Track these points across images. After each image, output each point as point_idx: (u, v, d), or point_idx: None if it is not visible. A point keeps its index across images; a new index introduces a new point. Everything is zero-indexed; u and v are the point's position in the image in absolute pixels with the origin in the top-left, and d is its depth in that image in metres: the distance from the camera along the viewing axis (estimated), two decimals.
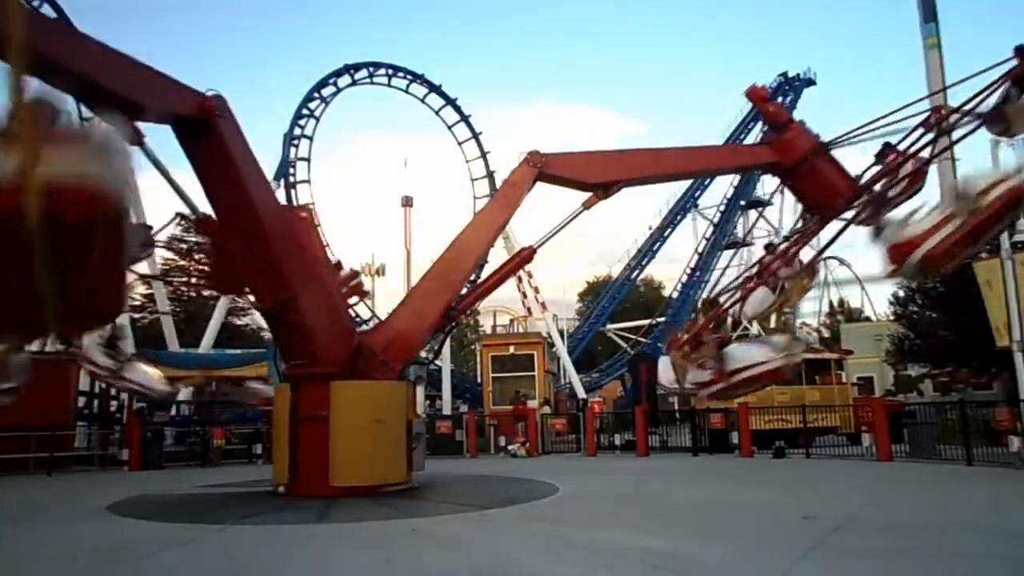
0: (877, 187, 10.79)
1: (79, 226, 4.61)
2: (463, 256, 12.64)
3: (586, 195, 12.45)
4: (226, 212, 11.22)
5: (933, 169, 11.44)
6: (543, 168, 12.21)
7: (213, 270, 12.95)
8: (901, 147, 10.64)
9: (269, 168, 31.95)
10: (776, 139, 11.76)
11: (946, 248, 8.70)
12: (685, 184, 52.89)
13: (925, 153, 10.45)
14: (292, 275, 11.35)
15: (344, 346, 11.76)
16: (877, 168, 10.94)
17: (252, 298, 12.80)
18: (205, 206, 11.81)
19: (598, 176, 12.25)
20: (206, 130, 10.27)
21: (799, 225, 12.47)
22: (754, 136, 51.49)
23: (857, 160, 11.64)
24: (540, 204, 13.47)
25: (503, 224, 12.98)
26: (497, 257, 18.29)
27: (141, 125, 9.50)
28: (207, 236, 12.15)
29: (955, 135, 10.24)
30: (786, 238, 12.60)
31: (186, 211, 20.57)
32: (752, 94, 11.92)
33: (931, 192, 11.06)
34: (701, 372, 10.35)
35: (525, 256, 13.15)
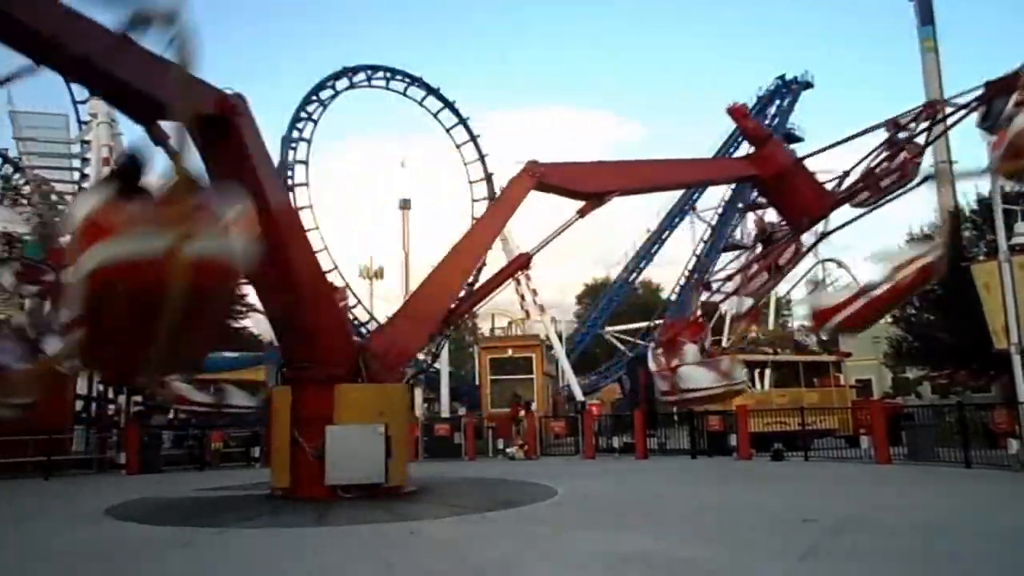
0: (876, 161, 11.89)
1: (208, 295, 5.46)
2: (462, 262, 12.81)
3: (579, 203, 12.83)
4: None
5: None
6: (541, 178, 12.43)
7: None
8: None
9: None
10: (756, 154, 12.41)
11: (862, 316, 10.73)
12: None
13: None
14: (302, 277, 11.42)
15: (347, 350, 11.83)
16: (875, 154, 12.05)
17: (258, 300, 12.85)
18: None
19: (592, 186, 12.58)
20: (226, 130, 10.10)
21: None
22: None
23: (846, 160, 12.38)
24: (538, 207, 13.64)
25: (500, 230, 13.34)
26: (495, 259, 18.25)
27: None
28: None
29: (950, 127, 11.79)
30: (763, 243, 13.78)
31: None
32: (733, 112, 12.69)
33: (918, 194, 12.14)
34: (664, 382, 12.00)
35: (521, 263, 13.48)
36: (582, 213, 12.48)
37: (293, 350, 12.42)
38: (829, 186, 12.70)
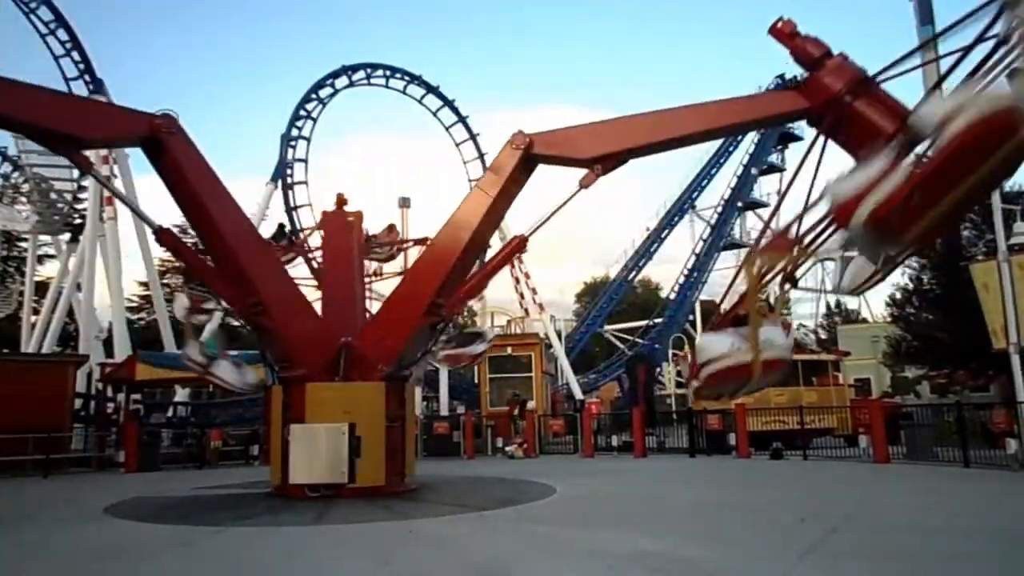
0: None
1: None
2: (445, 248, 12.34)
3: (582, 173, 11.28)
4: (192, 223, 12.13)
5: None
6: (529, 148, 11.48)
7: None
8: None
9: (267, 170, 32.00)
10: (808, 80, 9.98)
11: (897, 202, 6.57)
12: (682, 185, 53.06)
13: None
14: (258, 282, 11.63)
15: (325, 348, 11.83)
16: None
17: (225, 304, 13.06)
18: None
19: (593, 149, 11.12)
20: (160, 149, 11.14)
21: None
22: (751, 137, 51.64)
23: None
24: (540, 205, 13.14)
25: (490, 212, 12.14)
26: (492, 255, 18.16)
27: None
28: (167, 247, 12.44)
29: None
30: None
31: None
32: (776, 32, 9.96)
33: None
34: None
35: (516, 245, 12.33)
36: (585, 184, 11.05)
37: (273, 351, 12.65)
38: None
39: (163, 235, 11.70)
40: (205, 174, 11.60)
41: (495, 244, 18.53)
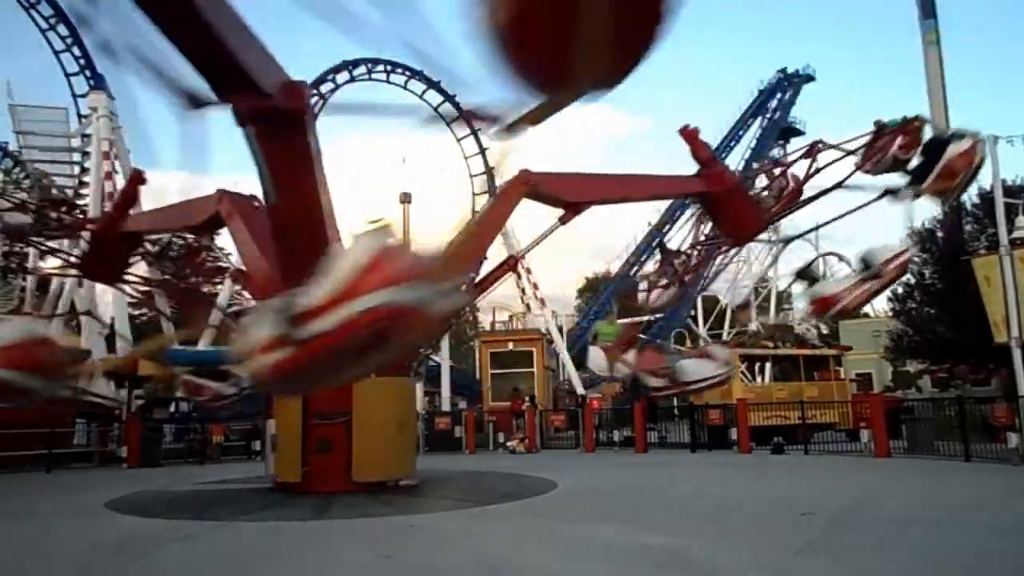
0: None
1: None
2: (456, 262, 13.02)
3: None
4: (283, 209, 9.81)
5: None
6: (533, 187, 12.65)
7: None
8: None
9: None
10: (705, 172, 13.45)
11: (856, 303, 13.11)
12: None
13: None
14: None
15: None
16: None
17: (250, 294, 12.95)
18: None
19: (573, 196, 13.05)
20: (289, 120, 8.82)
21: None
22: (753, 132, 51.66)
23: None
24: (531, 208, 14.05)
25: (492, 239, 13.60)
26: (495, 256, 18.49)
27: None
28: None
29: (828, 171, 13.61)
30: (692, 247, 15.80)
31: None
32: (686, 135, 13.36)
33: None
34: (655, 379, 12.78)
35: (510, 266, 14.56)
36: (564, 221, 12.93)
37: None
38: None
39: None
40: (322, 164, 9.94)
41: (499, 245, 19.48)
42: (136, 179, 13.85)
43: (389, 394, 11.90)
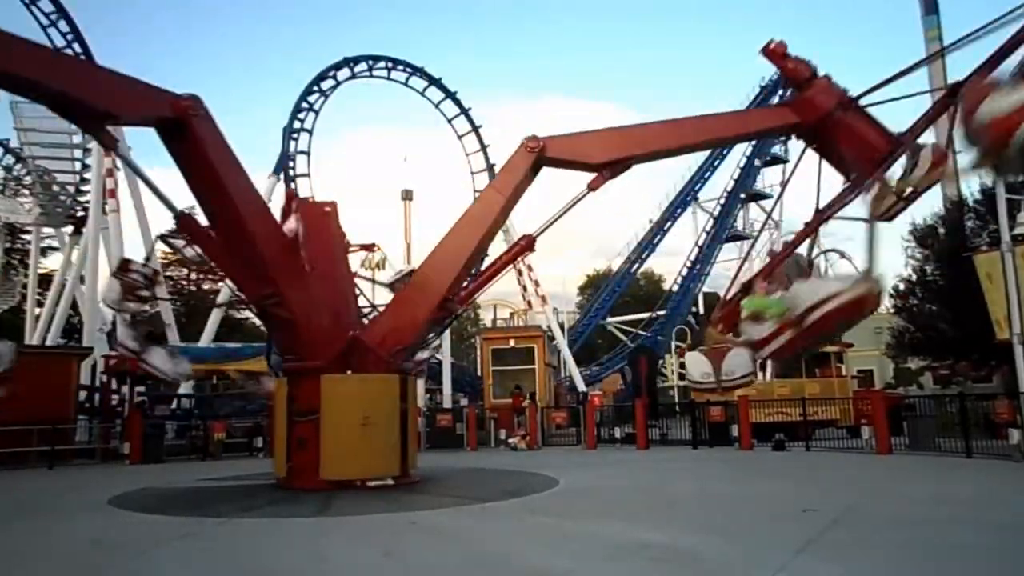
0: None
1: None
2: (458, 247, 12.42)
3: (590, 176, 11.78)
4: (210, 210, 11.52)
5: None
6: (541, 152, 11.73)
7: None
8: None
9: (269, 162, 31.96)
10: (798, 98, 10.97)
11: (791, 348, 8.98)
12: (685, 177, 52.93)
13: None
14: (275, 271, 11.51)
15: (336, 340, 11.80)
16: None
17: (240, 294, 12.89)
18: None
19: (603, 155, 11.56)
20: (183, 131, 10.67)
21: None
22: None
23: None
24: (542, 200, 13.25)
25: (501, 212, 12.45)
26: (497, 252, 18.17)
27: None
28: (188, 233, 11.94)
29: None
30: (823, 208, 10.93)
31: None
32: (770, 52, 10.90)
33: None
34: (758, 327, 9.12)
35: (524, 245, 12.53)
36: (593, 187, 11.50)
37: (282, 342, 12.54)
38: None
39: (184, 220, 11.48)
40: (229, 160, 11.24)
41: (500, 243, 18.60)
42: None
43: (363, 392, 11.57)
